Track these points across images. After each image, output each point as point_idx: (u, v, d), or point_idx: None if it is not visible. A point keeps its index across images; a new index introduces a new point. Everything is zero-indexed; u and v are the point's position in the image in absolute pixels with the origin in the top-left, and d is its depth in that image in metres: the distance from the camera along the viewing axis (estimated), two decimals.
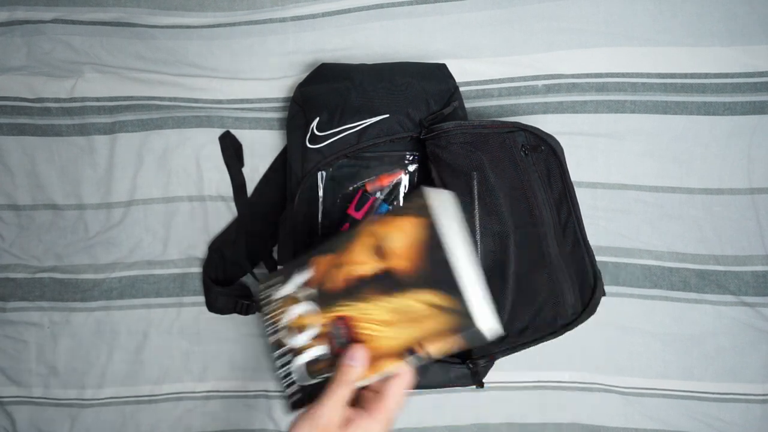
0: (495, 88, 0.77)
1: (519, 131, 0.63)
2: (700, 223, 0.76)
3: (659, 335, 0.76)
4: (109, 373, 0.77)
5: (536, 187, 0.62)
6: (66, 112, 0.79)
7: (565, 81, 0.77)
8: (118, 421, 0.77)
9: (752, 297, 0.75)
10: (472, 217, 0.59)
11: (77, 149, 0.79)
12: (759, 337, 0.75)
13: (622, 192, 0.77)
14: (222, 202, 0.78)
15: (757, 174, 0.76)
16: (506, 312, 0.58)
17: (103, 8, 0.78)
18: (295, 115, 0.69)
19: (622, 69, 0.77)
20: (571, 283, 0.60)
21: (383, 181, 0.67)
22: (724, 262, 0.76)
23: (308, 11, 0.78)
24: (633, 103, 0.77)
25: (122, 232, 0.78)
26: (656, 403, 0.75)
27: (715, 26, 0.76)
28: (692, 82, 0.76)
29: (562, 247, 0.62)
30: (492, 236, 0.59)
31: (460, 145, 0.61)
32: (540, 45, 0.77)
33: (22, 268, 0.79)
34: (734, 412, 0.74)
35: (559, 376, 0.76)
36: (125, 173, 0.79)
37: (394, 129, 0.66)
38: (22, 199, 0.79)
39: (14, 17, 0.78)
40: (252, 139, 0.78)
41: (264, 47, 0.78)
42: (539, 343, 0.60)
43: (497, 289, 0.58)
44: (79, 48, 0.78)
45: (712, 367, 0.75)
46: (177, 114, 0.79)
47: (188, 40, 0.78)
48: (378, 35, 0.78)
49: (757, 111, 0.76)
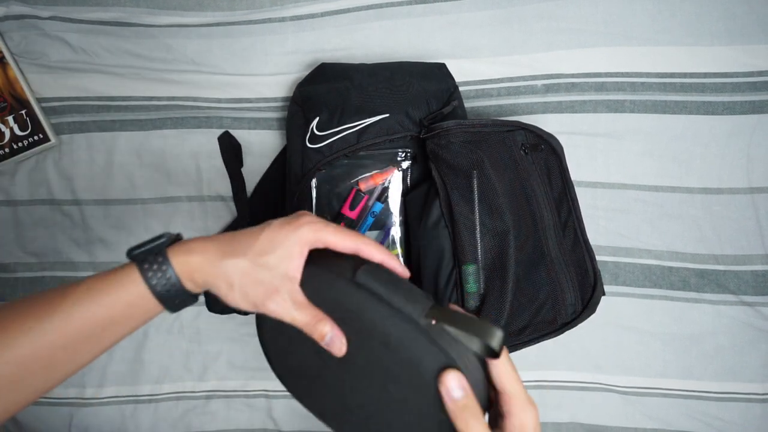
0: (494, 87, 0.77)
1: (519, 130, 0.63)
2: (699, 222, 0.76)
3: (659, 334, 0.76)
4: (110, 373, 0.77)
5: (536, 185, 0.62)
6: (66, 110, 0.79)
7: (564, 81, 0.77)
8: (118, 421, 0.77)
9: (752, 296, 0.75)
10: (472, 216, 0.59)
11: (76, 148, 0.79)
12: (758, 336, 0.75)
13: (621, 191, 0.77)
14: (221, 202, 0.78)
15: (756, 173, 0.76)
16: (506, 310, 0.58)
17: (102, 7, 0.78)
18: (294, 114, 0.69)
19: (622, 69, 0.77)
20: (571, 282, 0.60)
21: (376, 179, 0.68)
22: (723, 262, 0.76)
23: (307, 11, 0.78)
24: (632, 103, 0.77)
25: (121, 232, 0.78)
26: (656, 402, 0.75)
27: (714, 26, 0.76)
28: (691, 81, 0.76)
29: (562, 246, 0.62)
30: (492, 235, 0.59)
31: (461, 144, 0.61)
32: (539, 45, 0.77)
33: (23, 266, 0.79)
34: (734, 412, 0.74)
35: (559, 376, 0.76)
36: (124, 173, 0.79)
37: (394, 128, 0.66)
38: (20, 196, 0.79)
39: (11, 12, 0.78)
40: (251, 139, 0.79)
41: (263, 47, 0.78)
42: (539, 341, 0.60)
43: (497, 287, 0.58)
44: (78, 47, 0.78)
45: (712, 366, 0.75)
46: (176, 114, 0.79)
47: (187, 40, 0.78)
48: (377, 35, 0.78)
49: (756, 110, 0.76)
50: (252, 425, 0.77)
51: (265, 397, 0.77)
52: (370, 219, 0.68)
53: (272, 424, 0.77)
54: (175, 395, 0.77)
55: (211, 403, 0.77)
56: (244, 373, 0.77)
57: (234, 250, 0.40)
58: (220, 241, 0.41)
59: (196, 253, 0.40)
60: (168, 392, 0.77)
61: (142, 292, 0.39)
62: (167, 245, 0.40)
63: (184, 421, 0.77)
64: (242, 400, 0.77)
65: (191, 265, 0.40)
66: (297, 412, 0.77)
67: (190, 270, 0.40)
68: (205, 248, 0.40)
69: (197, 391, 0.77)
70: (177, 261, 0.39)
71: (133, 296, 0.39)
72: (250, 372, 0.77)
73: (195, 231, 0.78)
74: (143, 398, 0.77)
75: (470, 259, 0.59)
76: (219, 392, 0.77)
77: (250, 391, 0.77)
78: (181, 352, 0.77)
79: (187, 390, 0.77)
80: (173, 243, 0.41)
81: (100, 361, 0.77)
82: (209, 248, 0.40)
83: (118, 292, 0.39)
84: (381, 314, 0.38)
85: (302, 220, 0.41)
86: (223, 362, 0.77)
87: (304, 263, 0.41)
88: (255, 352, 0.77)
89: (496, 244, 0.59)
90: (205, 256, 0.40)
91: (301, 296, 0.41)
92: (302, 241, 0.40)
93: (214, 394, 0.77)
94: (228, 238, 0.41)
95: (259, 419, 0.77)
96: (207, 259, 0.40)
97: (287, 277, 0.40)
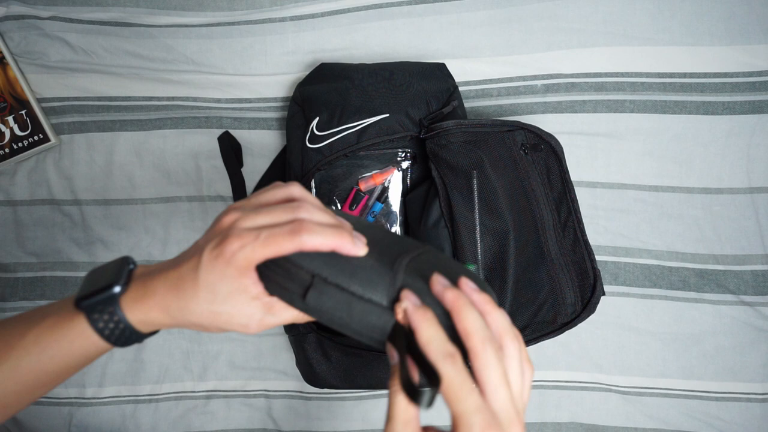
0: (494, 87, 0.77)
1: (519, 130, 0.63)
2: (699, 222, 0.76)
3: (659, 334, 0.76)
4: (110, 373, 0.77)
5: (536, 185, 0.62)
6: (66, 110, 0.79)
7: (564, 81, 0.77)
8: (118, 420, 0.77)
9: (751, 296, 0.75)
10: (472, 216, 0.59)
11: (76, 148, 0.79)
12: (758, 336, 0.75)
13: (621, 191, 0.77)
14: (221, 202, 0.78)
15: (756, 173, 0.76)
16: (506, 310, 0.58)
17: (102, 8, 0.78)
18: (294, 114, 0.69)
19: (621, 69, 0.77)
20: (570, 282, 0.60)
21: (376, 179, 0.68)
22: (723, 262, 0.76)
23: (307, 11, 0.78)
24: (632, 103, 0.77)
25: (121, 232, 0.78)
26: (656, 402, 0.75)
27: (714, 26, 0.76)
28: (691, 81, 0.76)
29: (562, 246, 0.62)
30: (492, 234, 0.59)
31: (460, 144, 0.61)
32: (539, 45, 0.77)
33: (23, 266, 0.79)
34: (734, 411, 0.74)
35: (559, 376, 0.76)
36: (124, 173, 0.79)
37: (394, 128, 0.66)
38: (20, 196, 0.79)
39: (11, 12, 0.78)
40: (251, 139, 0.79)
41: (263, 47, 0.78)
42: (539, 341, 0.60)
43: (497, 287, 0.59)
44: (78, 47, 0.78)
45: (712, 366, 0.75)
46: (176, 114, 0.79)
47: (187, 40, 0.78)
48: (377, 35, 0.78)
49: (756, 110, 0.76)
50: (252, 425, 0.77)
51: (264, 397, 0.77)
52: (370, 219, 0.68)
53: (272, 423, 0.77)
54: (175, 395, 0.77)
55: (211, 403, 0.77)
56: (244, 373, 0.77)
57: (186, 304, 0.35)
58: (171, 286, 0.36)
59: (154, 309, 0.36)
60: (168, 392, 0.77)
61: (95, 342, 0.37)
62: (121, 294, 0.36)
63: (184, 421, 0.77)
64: (242, 400, 0.77)
65: (151, 319, 0.36)
66: (297, 412, 0.77)
67: (149, 323, 0.37)
68: (164, 299, 0.36)
69: (197, 391, 0.77)
70: (133, 315, 0.36)
71: (85, 347, 0.37)
72: (250, 372, 0.77)
73: (195, 231, 0.78)
74: (143, 398, 0.77)
75: (470, 258, 0.59)
76: (219, 392, 0.77)
77: (249, 391, 0.77)
78: (181, 352, 0.77)
79: (187, 390, 0.77)
80: (128, 282, 0.37)
81: (100, 361, 0.77)
82: (167, 297, 0.36)
83: (70, 345, 0.37)
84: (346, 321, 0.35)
85: (229, 246, 0.34)
86: (223, 362, 0.77)
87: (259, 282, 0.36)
88: (255, 352, 0.77)
89: (496, 244, 0.59)
90: (165, 312, 0.36)
91: (278, 303, 0.37)
92: (242, 278, 0.35)
93: (214, 394, 0.77)
94: (175, 280, 0.36)
95: (258, 419, 0.77)
96: (168, 315, 0.36)
97: (248, 319, 0.36)
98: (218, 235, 0.36)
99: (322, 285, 0.35)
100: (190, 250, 0.37)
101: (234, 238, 0.34)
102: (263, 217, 0.36)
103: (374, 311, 0.34)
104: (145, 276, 0.37)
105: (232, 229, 0.35)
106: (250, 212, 0.36)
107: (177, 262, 0.37)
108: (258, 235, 0.34)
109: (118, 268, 0.38)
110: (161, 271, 0.37)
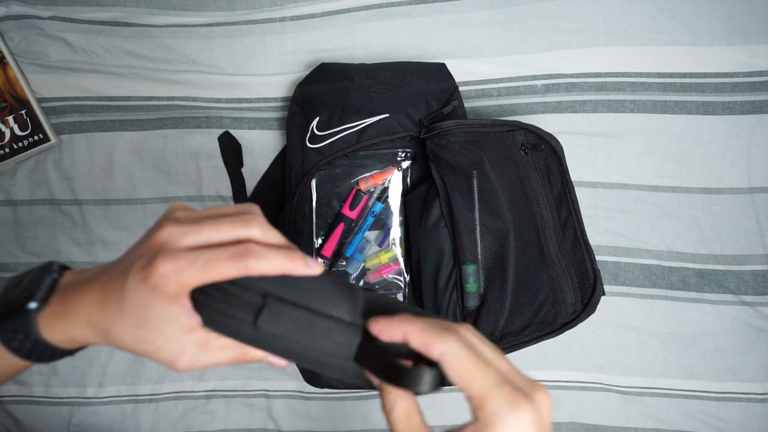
0: (494, 87, 0.77)
1: (519, 130, 0.63)
2: (699, 222, 0.76)
3: (659, 334, 0.76)
4: (110, 372, 0.77)
5: (536, 185, 0.62)
6: (66, 110, 0.79)
7: (564, 81, 0.77)
8: (118, 420, 0.77)
9: (752, 296, 0.75)
10: (472, 216, 0.59)
11: (76, 148, 0.79)
12: (758, 336, 0.75)
13: (621, 191, 0.77)
14: (221, 202, 0.78)
15: (756, 173, 0.76)
16: (506, 310, 0.58)
17: (102, 8, 0.78)
18: (294, 114, 0.69)
19: (621, 68, 0.77)
20: (571, 282, 0.60)
21: (376, 179, 0.68)
22: (723, 262, 0.76)
23: (307, 11, 0.78)
24: (632, 103, 0.77)
25: (121, 232, 0.78)
26: (656, 402, 0.75)
27: (714, 26, 0.76)
28: (691, 81, 0.76)
29: (562, 246, 0.62)
30: (492, 234, 0.59)
31: (461, 144, 0.61)
32: (539, 45, 0.77)
33: (23, 266, 0.79)
34: (734, 411, 0.74)
35: (559, 376, 0.76)
36: (124, 173, 0.79)
37: (394, 128, 0.66)
38: (20, 196, 0.79)
39: (11, 12, 0.78)
40: (251, 139, 0.79)
41: (263, 47, 0.78)
42: (539, 341, 0.60)
43: (497, 287, 0.59)
44: (78, 47, 0.78)
45: (712, 366, 0.75)
46: (176, 114, 0.79)
47: (187, 40, 0.78)
48: (377, 35, 0.78)
49: (756, 110, 0.76)
50: (252, 425, 0.77)
51: (264, 396, 0.77)
52: (370, 219, 0.68)
53: (272, 423, 0.77)
54: (175, 395, 0.77)
55: (211, 402, 0.77)
56: (244, 372, 0.77)
57: (112, 325, 0.31)
58: (95, 303, 0.32)
59: (78, 327, 0.32)
60: (168, 392, 0.77)
61: (14, 360, 0.33)
62: (38, 310, 0.32)
63: (184, 421, 0.77)
64: (242, 400, 0.77)
65: (75, 337, 0.33)
66: (297, 412, 0.77)
67: (73, 341, 0.33)
68: (88, 316, 0.32)
69: (197, 390, 0.77)
70: (52, 334, 0.33)
71: (2, 366, 0.34)
72: (250, 372, 0.77)
73: None
74: (143, 398, 0.77)
75: (470, 258, 0.59)
76: (219, 392, 0.77)
77: (249, 391, 0.77)
78: None
79: (187, 390, 0.77)
80: (48, 296, 0.33)
81: (100, 361, 0.77)
82: (92, 316, 0.32)
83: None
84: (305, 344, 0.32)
85: (160, 268, 0.29)
86: None
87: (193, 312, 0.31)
88: None
89: (496, 243, 0.59)
90: (93, 329, 0.32)
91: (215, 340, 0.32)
92: (172, 305, 0.30)
93: (214, 393, 0.77)
94: (101, 297, 0.32)
95: (258, 419, 0.77)
96: (95, 332, 0.32)
97: (175, 355, 0.32)
98: (149, 252, 0.30)
99: (276, 305, 0.31)
100: (122, 260, 0.33)
101: (166, 259, 0.29)
102: (206, 232, 0.31)
103: (337, 328, 0.31)
104: (69, 288, 0.33)
105: (166, 246, 0.30)
106: (191, 225, 0.31)
107: (106, 274, 0.33)
108: (196, 258, 0.29)
109: (38, 278, 0.34)
110: (88, 283, 0.33)
